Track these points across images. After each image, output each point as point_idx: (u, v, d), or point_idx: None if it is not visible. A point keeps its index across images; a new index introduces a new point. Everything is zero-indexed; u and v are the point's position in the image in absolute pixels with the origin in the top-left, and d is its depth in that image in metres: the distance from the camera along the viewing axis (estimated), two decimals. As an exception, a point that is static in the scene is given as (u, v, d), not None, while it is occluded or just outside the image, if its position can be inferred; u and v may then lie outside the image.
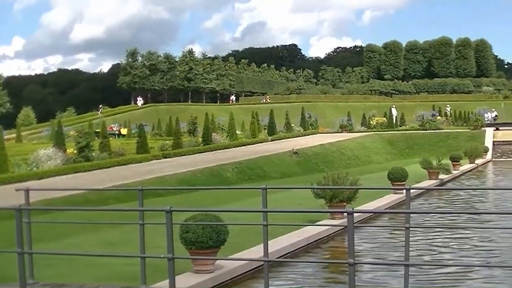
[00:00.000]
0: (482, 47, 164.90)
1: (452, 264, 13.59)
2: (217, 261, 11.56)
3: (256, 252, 12.33)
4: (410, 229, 8.72)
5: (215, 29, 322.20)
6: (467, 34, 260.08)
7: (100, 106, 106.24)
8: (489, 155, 50.52)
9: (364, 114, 76.61)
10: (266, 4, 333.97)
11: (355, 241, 7.76)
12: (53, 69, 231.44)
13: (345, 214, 7.88)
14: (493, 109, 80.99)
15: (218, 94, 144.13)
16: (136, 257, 10.01)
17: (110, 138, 44.06)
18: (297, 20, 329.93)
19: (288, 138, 57.55)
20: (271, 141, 53.54)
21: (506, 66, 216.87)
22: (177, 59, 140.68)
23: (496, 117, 77.16)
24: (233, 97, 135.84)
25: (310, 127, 68.83)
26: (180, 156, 40.63)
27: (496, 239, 16.28)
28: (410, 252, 9.00)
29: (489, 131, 55.42)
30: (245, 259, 12.38)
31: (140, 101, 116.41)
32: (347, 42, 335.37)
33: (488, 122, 63.68)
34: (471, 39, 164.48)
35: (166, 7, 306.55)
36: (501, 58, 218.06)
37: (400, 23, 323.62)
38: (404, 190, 10.29)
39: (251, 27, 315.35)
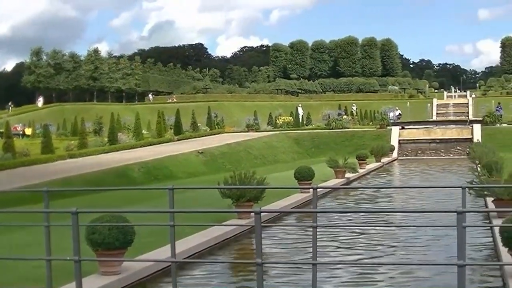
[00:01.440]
0: (388, 47, 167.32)
1: (358, 263, 13.78)
2: (125, 263, 11.45)
3: (163, 252, 12.26)
4: (318, 228, 8.78)
5: (123, 28, 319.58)
6: (373, 33, 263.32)
7: (10, 103, 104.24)
8: (395, 154, 51.40)
9: (270, 113, 76.90)
10: (174, 3, 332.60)
11: (263, 241, 7.78)
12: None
13: (252, 213, 7.90)
14: (397, 108, 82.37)
15: (124, 94, 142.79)
16: (42, 260, 9.84)
17: (14, 138, 43.18)
18: (205, 19, 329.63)
19: (195, 137, 57.42)
20: (177, 140, 53.36)
21: (411, 66, 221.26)
22: (82, 58, 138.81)
23: (399, 115, 78.50)
24: (150, 96, 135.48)
25: (216, 127, 68.80)
26: (86, 156, 40.15)
27: (402, 237, 16.58)
28: (318, 251, 9.07)
29: (395, 130, 56.35)
30: (152, 260, 12.32)
31: (39, 101, 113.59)
32: (255, 42, 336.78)
33: (392, 121, 64.67)
34: (377, 39, 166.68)
35: (73, 5, 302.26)
36: (407, 58, 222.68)
37: (307, 22, 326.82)
38: (311, 189, 10.37)
39: (159, 26, 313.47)
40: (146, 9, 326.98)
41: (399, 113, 79.40)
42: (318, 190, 9.84)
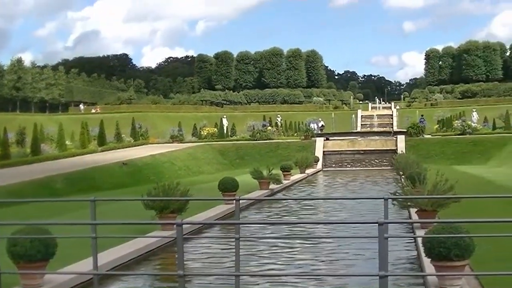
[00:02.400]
0: (312, 58, 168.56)
1: (281, 275, 13.77)
2: (47, 275, 11.23)
3: (86, 265, 12.06)
4: (242, 240, 8.72)
5: (48, 38, 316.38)
6: (298, 45, 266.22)
7: None
8: (319, 165, 51.75)
9: (195, 124, 76.79)
10: (100, 13, 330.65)
11: (188, 252, 7.71)
12: None
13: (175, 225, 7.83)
14: (320, 119, 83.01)
15: (47, 104, 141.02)
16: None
17: None
18: (131, 29, 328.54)
19: (119, 148, 56.96)
20: (101, 151, 52.86)
21: (336, 77, 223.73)
22: (5, 67, 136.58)
23: (322, 127, 79.12)
24: (81, 106, 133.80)
25: (141, 138, 68.32)
26: (8, 167, 39.39)
27: (326, 249, 16.64)
28: (240, 262, 9.01)
29: (320, 141, 56.75)
30: (74, 273, 12.09)
31: None
32: (180, 52, 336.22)
33: (315, 132, 65.17)
34: (302, 50, 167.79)
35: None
36: (332, 69, 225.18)
37: (233, 33, 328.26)
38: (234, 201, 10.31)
39: (84, 36, 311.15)
40: (72, 19, 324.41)
41: (322, 125, 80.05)
42: (242, 201, 9.80)
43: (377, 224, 7.50)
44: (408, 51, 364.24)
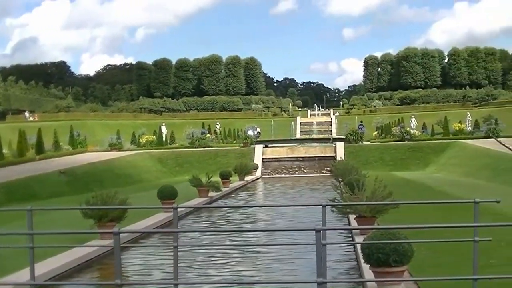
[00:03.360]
0: (252, 65, 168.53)
1: (219, 283, 13.73)
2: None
3: (23, 275, 11.89)
4: (180, 248, 8.66)
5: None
6: (237, 52, 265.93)
7: None
8: (258, 172, 51.83)
9: (134, 132, 76.25)
10: (39, 20, 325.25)
11: (128, 261, 7.62)
12: None
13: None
14: (256, 126, 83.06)
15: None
16: None
17: None
18: (70, 36, 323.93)
19: (57, 157, 56.31)
20: (39, 160, 52.19)
21: (275, 84, 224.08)
22: None
23: (258, 134, 79.21)
24: (26, 114, 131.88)
25: (79, 146, 67.64)
26: None
27: (266, 256, 16.64)
28: (179, 271, 8.95)
29: (259, 148, 56.83)
30: (11, 283, 11.90)
31: None
32: (120, 60, 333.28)
33: (253, 139, 65.28)
34: (241, 57, 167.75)
35: None
36: (271, 76, 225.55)
37: (173, 41, 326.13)
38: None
39: (22, 43, 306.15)
40: (10, 26, 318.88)
41: (258, 132, 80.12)
42: (181, 209, 9.73)
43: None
44: (347, 58, 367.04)
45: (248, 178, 45.95)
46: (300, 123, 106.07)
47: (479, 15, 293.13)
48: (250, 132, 71.09)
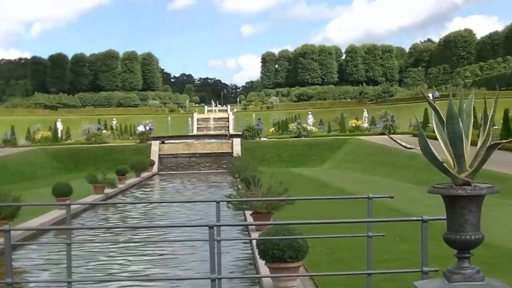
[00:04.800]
0: (148, 61, 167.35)
1: (113, 279, 13.55)
2: None
3: None
4: (75, 245, 8.47)
5: None
6: (134, 47, 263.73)
7: None
8: (155, 168, 51.48)
9: (28, 128, 74.86)
10: None
11: (20, 259, 7.40)
12: None
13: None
14: (148, 122, 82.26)
15: None
16: None
17: None
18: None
19: None
20: None
21: (172, 80, 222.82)
22: None
23: (150, 130, 78.55)
24: None
25: (-28, 142, 66.06)
26: None
27: (164, 252, 16.54)
28: (73, 268, 8.77)
29: (155, 145, 56.40)
30: None
31: None
32: (15, 54, 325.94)
33: (148, 134, 64.79)
34: (138, 53, 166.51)
35: None
36: (168, 72, 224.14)
37: (71, 36, 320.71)
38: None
39: None
40: None
41: (150, 128, 79.27)
42: (76, 206, 9.52)
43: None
44: (245, 55, 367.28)
45: (145, 174, 45.63)
46: (197, 119, 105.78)
47: (377, 12, 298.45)
48: (140, 128, 70.47)
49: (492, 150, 4.78)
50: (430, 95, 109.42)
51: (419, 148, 4.91)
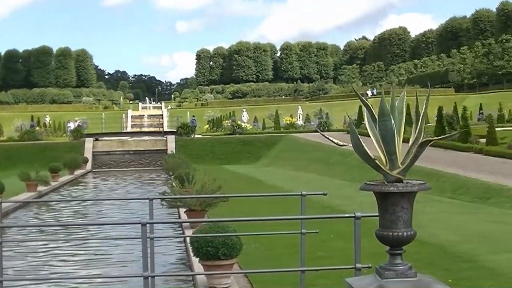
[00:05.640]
0: (82, 57, 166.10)
1: (47, 278, 13.36)
2: None
3: None
4: (4, 243, 8.30)
5: None
6: (68, 44, 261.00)
7: None
8: (89, 166, 50.92)
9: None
10: None
11: None
12: None
13: None
14: (77, 119, 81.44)
15: None
16: None
17: None
18: None
19: None
20: None
21: (106, 77, 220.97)
22: None
23: (79, 126, 77.81)
24: None
25: None
26: None
27: (99, 251, 16.39)
28: (5, 268, 8.60)
29: (89, 142, 55.79)
30: None
31: None
32: None
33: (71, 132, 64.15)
34: (72, 49, 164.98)
35: None
36: (102, 69, 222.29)
37: (4, 32, 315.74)
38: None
39: None
40: None
41: (79, 124, 78.44)
42: (8, 204, 9.35)
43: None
44: (180, 51, 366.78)
45: (78, 172, 45.15)
46: (132, 116, 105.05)
47: (312, 10, 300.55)
48: (71, 126, 69.74)
49: (424, 147, 4.80)
50: (369, 92, 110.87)
51: (351, 145, 4.92)
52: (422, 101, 4.98)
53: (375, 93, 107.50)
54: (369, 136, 4.96)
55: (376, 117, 4.88)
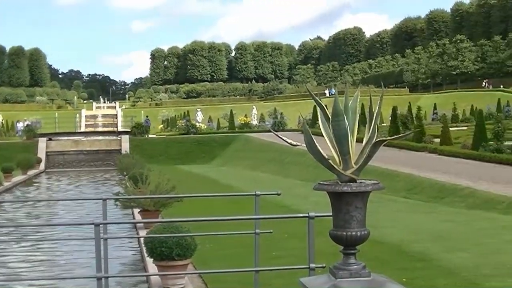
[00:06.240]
0: (36, 56, 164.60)
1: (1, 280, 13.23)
2: None
3: None
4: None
5: None
6: (21, 43, 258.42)
7: None
8: (42, 166, 50.41)
9: None
10: None
11: None
12: None
13: None
14: (25, 119, 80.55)
15: None
16: None
17: None
18: None
19: None
20: None
21: (60, 76, 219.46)
22: None
23: (28, 125, 77.03)
24: None
25: None
26: None
27: (52, 252, 16.26)
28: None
29: (42, 142, 55.22)
30: None
31: None
32: None
33: (20, 132, 63.51)
34: (25, 48, 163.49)
35: None
36: (56, 68, 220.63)
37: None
38: None
39: None
40: None
41: (28, 124, 77.58)
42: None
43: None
44: (134, 51, 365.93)
45: (31, 172, 44.68)
46: (85, 116, 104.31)
47: (268, 11, 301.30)
48: (19, 126, 69.06)
49: (377, 147, 4.81)
50: (327, 92, 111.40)
51: (305, 145, 4.91)
52: (376, 101, 4.99)
53: (333, 92, 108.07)
54: (323, 136, 4.96)
55: (330, 117, 4.88)
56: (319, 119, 5.05)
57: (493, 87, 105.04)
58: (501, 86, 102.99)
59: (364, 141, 4.88)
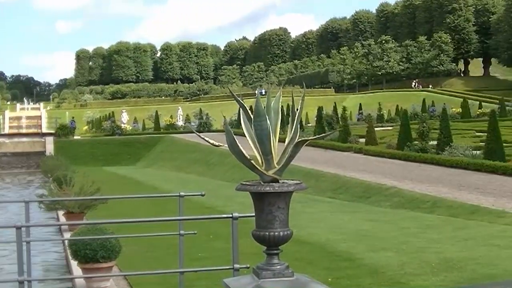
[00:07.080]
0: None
1: None
2: None
3: None
4: None
5: None
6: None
7: None
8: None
9: None
10: None
11: None
12: None
13: None
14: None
15: None
16: None
17: None
18: None
19: None
20: None
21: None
22: None
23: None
24: None
25: None
26: None
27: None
28: None
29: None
30: None
31: None
32: None
33: None
34: None
35: None
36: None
37: None
38: None
39: None
40: None
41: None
42: None
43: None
44: (59, 52, 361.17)
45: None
46: (9, 117, 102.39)
47: (193, 11, 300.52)
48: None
49: (299, 147, 4.83)
50: (257, 92, 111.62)
51: (227, 146, 4.91)
52: (298, 101, 5.01)
53: (263, 93, 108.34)
54: (246, 136, 4.96)
55: (252, 117, 4.89)
56: (241, 119, 5.05)
57: (422, 87, 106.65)
58: (430, 86, 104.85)
59: (286, 141, 4.90)
